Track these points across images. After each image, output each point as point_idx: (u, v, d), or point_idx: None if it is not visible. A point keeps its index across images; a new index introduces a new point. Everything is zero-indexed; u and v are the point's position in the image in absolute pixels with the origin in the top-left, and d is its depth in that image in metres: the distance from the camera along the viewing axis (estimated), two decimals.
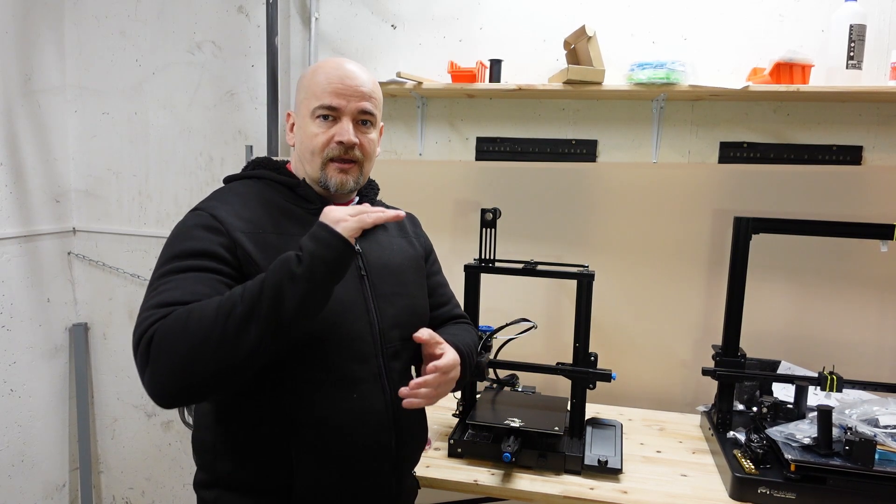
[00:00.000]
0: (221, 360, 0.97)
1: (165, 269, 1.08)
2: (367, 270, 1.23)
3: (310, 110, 1.21)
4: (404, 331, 1.27)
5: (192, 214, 1.15)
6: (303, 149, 1.23)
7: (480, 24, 2.12)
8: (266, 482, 1.14)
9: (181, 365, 0.97)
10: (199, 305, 1.00)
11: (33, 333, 2.38)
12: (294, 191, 1.24)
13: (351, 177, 1.22)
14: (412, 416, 1.27)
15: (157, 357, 0.98)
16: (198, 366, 0.97)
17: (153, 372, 0.98)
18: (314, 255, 0.99)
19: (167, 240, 1.14)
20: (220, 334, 0.96)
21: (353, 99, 1.20)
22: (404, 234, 1.40)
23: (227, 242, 1.10)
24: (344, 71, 1.22)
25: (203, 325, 0.97)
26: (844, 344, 1.94)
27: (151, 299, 1.05)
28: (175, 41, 2.35)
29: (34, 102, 2.33)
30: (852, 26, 1.74)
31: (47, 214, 2.41)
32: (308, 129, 1.21)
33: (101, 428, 2.64)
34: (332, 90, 1.19)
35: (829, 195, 1.92)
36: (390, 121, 2.22)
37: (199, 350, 0.96)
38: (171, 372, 0.98)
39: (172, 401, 1.02)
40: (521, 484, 1.50)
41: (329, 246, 1.00)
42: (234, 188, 1.23)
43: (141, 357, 1.00)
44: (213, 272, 1.07)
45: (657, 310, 2.07)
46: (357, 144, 1.21)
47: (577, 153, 2.09)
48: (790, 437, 1.48)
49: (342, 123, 1.20)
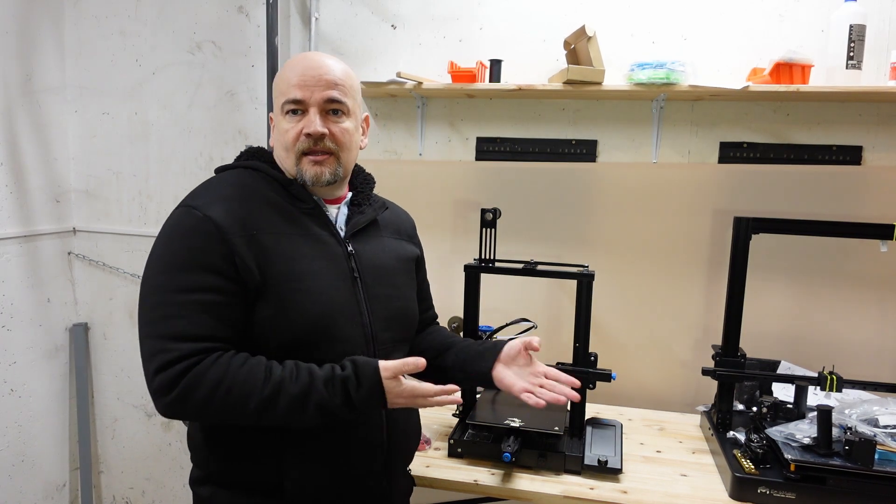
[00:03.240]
0: (243, 417, 1.07)
1: (164, 282, 1.08)
2: (360, 272, 1.22)
3: (280, 107, 1.20)
4: (396, 332, 1.27)
5: (187, 214, 1.12)
6: (278, 147, 1.22)
7: (480, 24, 2.12)
8: (257, 480, 1.15)
9: (206, 416, 1.11)
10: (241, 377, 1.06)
11: (33, 333, 2.38)
12: (287, 189, 1.22)
13: (327, 168, 1.20)
14: (404, 415, 1.28)
15: (189, 390, 1.04)
16: (221, 420, 1.11)
17: (175, 408, 1.06)
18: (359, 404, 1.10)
19: (160, 237, 1.13)
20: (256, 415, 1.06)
21: (316, 89, 1.17)
22: (399, 235, 1.39)
23: (225, 250, 1.08)
24: (308, 62, 1.19)
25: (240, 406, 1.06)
26: (844, 344, 1.94)
27: (156, 324, 1.07)
28: (175, 41, 2.35)
29: (34, 102, 2.33)
30: (852, 26, 1.74)
31: (47, 214, 2.41)
32: (280, 127, 1.20)
33: (101, 428, 2.64)
34: (296, 83, 1.17)
35: (829, 195, 1.92)
36: (390, 121, 2.22)
37: (229, 415, 1.07)
38: (194, 416, 1.11)
39: (174, 415, 1.10)
40: (521, 484, 1.50)
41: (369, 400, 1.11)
42: (227, 179, 1.20)
43: (165, 387, 1.05)
44: (211, 291, 1.07)
45: (657, 310, 2.07)
46: (326, 135, 1.18)
47: (577, 153, 2.09)
48: (790, 437, 1.48)
49: (309, 115, 1.18)
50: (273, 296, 1.10)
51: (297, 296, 1.11)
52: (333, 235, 1.22)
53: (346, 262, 1.21)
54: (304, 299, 1.12)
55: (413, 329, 1.38)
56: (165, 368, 1.04)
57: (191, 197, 1.16)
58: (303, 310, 1.11)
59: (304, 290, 1.12)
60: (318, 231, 1.20)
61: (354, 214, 1.28)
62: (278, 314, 1.10)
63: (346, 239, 1.24)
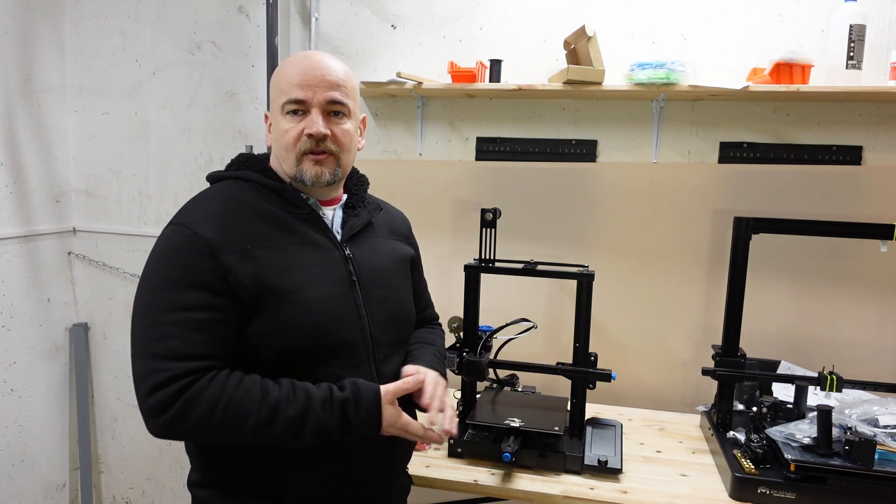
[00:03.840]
0: (239, 435, 1.07)
1: (156, 302, 1.07)
2: (358, 276, 1.22)
3: (279, 107, 1.18)
4: (394, 335, 1.27)
5: (178, 232, 1.11)
6: (277, 147, 1.21)
7: (480, 24, 2.12)
8: (258, 486, 1.14)
9: (200, 437, 1.11)
10: (238, 398, 1.05)
11: (33, 333, 2.38)
12: (281, 195, 1.20)
13: (327, 169, 1.19)
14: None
15: (186, 411, 1.03)
16: (215, 440, 1.11)
17: (169, 429, 1.05)
18: (356, 428, 1.11)
19: (151, 256, 1.12)
20: (252, 436, 1.06)
21: (319, 90, 1.16)
22: (394, 235, 1.38)
23: (216, 267, 1.07)
24: (310, 62, 1.18)
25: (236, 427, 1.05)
26: (844, 344, 1.94)
27: (150, 344, 1.06)
28: (175, 41, 2.35)
29: (34, 102, 2.33)
30: (852, 26, 1.74)
31: (47, 214, 2.41)
32: (279, 126, 1.19)
33: (101, 428, 2.64)
34: (297, 82, 1.16)
35: (829, 195, 1.92)
36: (390, 121, 2.22)
37: (224, 436, 1.07)
38: (187, 436, 1.10)
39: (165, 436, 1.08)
40: (521, 484, 1.50)
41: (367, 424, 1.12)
42: (218, 194, 1.19)
43: (160, 407, 1.03)
44: (203, 309, 1.06)
45: (657, 310, 2.07)
46: (328, 136, 1.17)
47: (577, 153, 2.09)
48: (790, 437, 1.48)
49: (311, 116, 1.16)
50: (271, 307, 1.09)
51: (296, 306, 1.11)
52: (330, 240, 1.22)
53: (344, 265, 1.21)
54: (303, 309, 1.11)
55: (411, 330, 1.37)
56: (159, 389, 1.02)
57: (181, 214, 1.15)
58: (302, 319, 1.11)
59: (301, 299, 1.11)
60: (314, 236, 1.19)
61: (350, 217, 1.27)
62: (278, 325, 1.09)
63: (343, 242, 1.23)
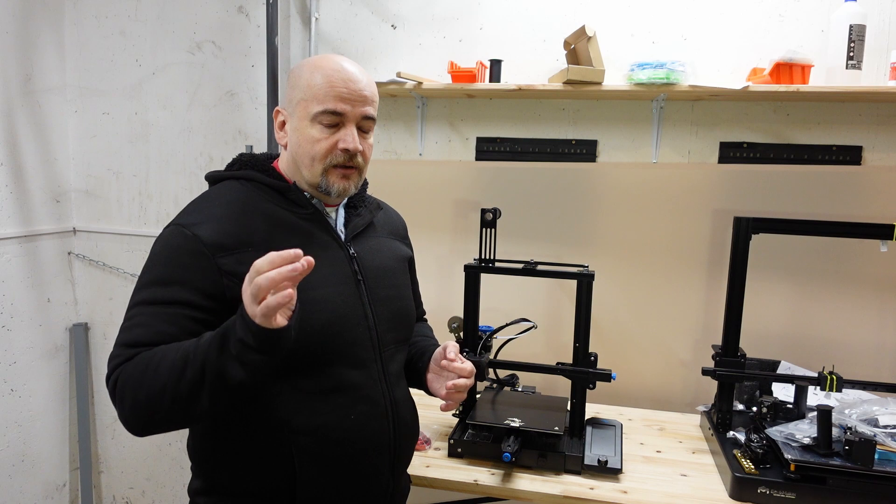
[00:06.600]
0: (177, 414, 1.02)
1: (142, 297, 1.08)
2: (363, 275, 1.22)
3: (310, 113, 1.15)
4: (398, 333, 1.27)
5: (177, 232, 1.10)
6: (301, 153, 1.17)
7: (480, 24, 2.12)
8: (269, 489, 1.14)
9: (143, 411, 1.02)
10: (156, 357, 1.01)
11: (33, 333, 2.38)
12: (285, 195, 1.19)
13: (352, 182, 1.20)
14: (408, 413, 1.28)
15: (122, 399, 1.04)
16: (158, 415, 1.02)
17: (120, 411, 1.05)
18: (244, 344, 0.95)
19: (150, 256, 1.12)
20: (172, 395, 0.99)
21: (357, 104, 1.15)
22: (394, 235, 1.39)
23: (211, 269, 1.07)
24: (347, 74, 1.16)
25: (157, 382, 1.00)
26: (844, 344, 1.94)
27: (122, 333, 1.07)
28: (175, 41, 2.35)
29: (34, 102, 2.33)
30: (852, 26, 1.74)
31: (47, 214, 2.41)
32: (307, 134, 1.15)
33: (101, 428, 2.64)
34: (336, 94, 1.13)
35: (829, 195, 1.92)
36: (390, 121, 2.22)
37: (156, 402, 1.00)
38: (134, 415, 1.04)
39: (143, 435, 1.06)
40: (521, 484, 1.50)
41: (250, 333, 0.95)
42: (220, 195, 1.18)
43: (111, 395, 1.06)
44: (186, 306, 1.06)
45: (657, 310, 2.07)
46: (360, 151, 1.18)
47: (577, 153, 2.09)
48: (790, 436, 1.48)
49: (347, 129, 1.15)
50: None
51: (304, 306, 1.09)
52: (335, 239, 1.22)
53: (350, 265, 1.21)
54: (310, 309, 1.10)
55: (412, 329, 1.38)
56: (109, 377, 1.06)
57: (182, 215, 1.15)
58: (310, 319, 1.10)
59: (308, 300, 1.10)
60: (320, 236, 1.19)
61: (352, 216, 1.27)
62: None
63: (347, 242, 1.23)
